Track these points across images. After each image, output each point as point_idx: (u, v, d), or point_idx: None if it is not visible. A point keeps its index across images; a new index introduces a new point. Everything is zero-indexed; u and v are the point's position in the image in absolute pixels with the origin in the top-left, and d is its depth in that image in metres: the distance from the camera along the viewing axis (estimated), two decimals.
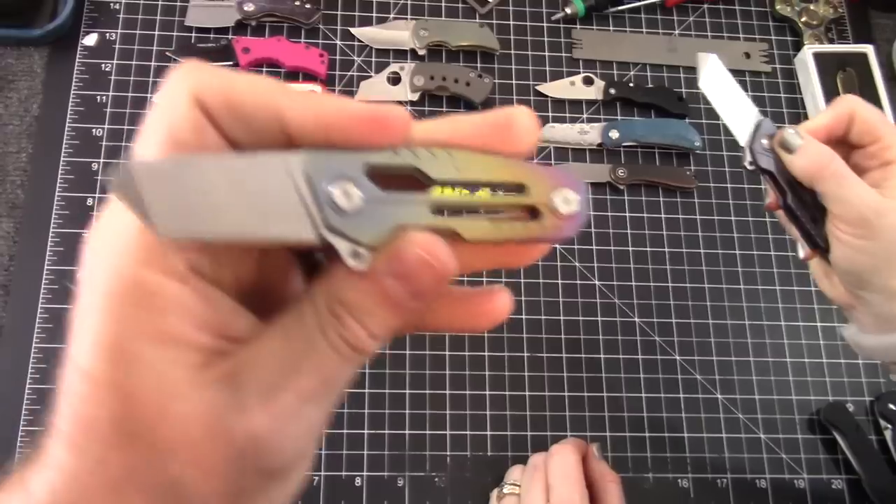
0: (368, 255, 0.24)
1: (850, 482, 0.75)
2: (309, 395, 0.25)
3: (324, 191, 0.23)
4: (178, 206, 0.23)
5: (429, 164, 0.25)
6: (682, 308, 0.79)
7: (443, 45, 0.85)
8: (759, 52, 0.90)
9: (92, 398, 0.23)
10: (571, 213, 0.26)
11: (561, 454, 0.67)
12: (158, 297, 0.23)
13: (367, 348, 0.25)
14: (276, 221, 0.23)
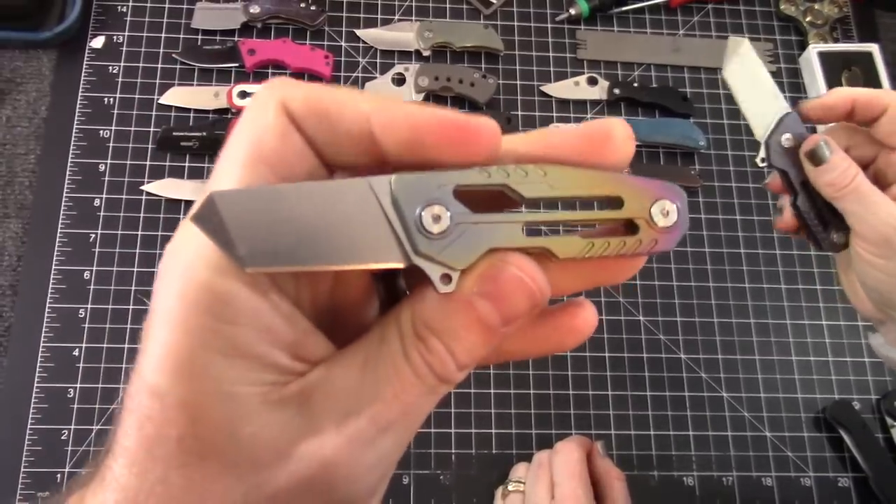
0: (458, 277, 0.23)
1: (857, 480, 0.75)
2: (386, 423, 0.23)
3: (412, 215, 0.23)
4: (263, 237, 0.22)
5: (520, 182, 0.24)
6: (687, 307, 0.79)
7: (447, 46, 0.86)
8: (763, 51, 0.90)
9: (158, 416, 0.22)
10: (670, 226, 0.25)
11: (565, 451, 0.67)
12: (232, 307, 0.22)
13: (452, 377, 0.24)
14: (364, 248, 0.23)
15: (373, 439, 0.23)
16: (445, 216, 0.23)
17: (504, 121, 0.82)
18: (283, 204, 0.22)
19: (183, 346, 0.22)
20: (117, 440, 0.23)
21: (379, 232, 0.22)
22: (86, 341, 0.73)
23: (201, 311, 0.22)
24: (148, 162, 0.79)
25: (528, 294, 0.24)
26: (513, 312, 0.24)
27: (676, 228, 0.25)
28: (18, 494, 0.68)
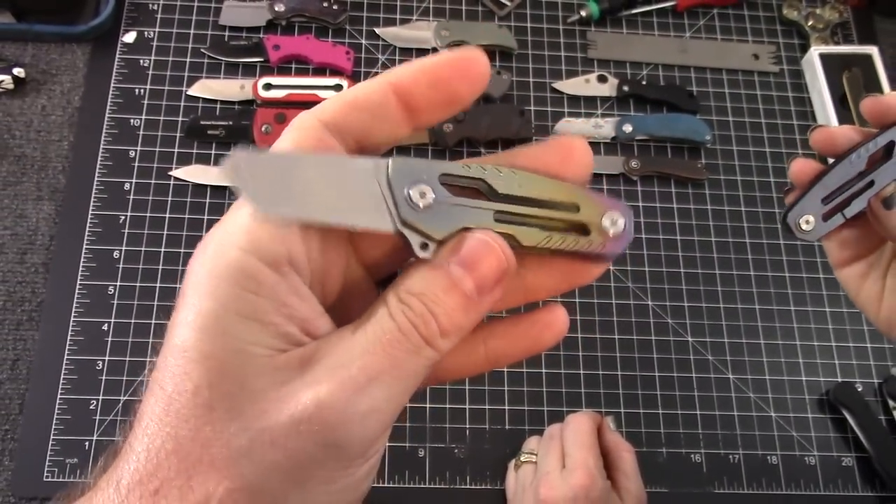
0: (435, 248, 0.28)
1: (860, 460, 0.77)
2: (375, 372, 0.26)
3: (402, 191, 0.27)
4: (278, 191, 0.26)
5: (495, 179, 0.29)
6: (694, 293, 0.82)
7: (463, 44, 0.89)
8: (767, 53, 0.94)
9: (178, 370, 0.25)
10: (617, 234, 0.30)
11: (576, 422, 0.69)
12: (255, 281, 0.25)
13: (436, 341, 0.27)
14: (362, 213, 0.27)
15: (363, 387, 0.25)
16: (429, 195, 0.27)
17: (517, 114, 0.85)
18: (298, 167, 0.26)
19: (209, 308, 0.25)
20: (139, 408, 0.26)
21: (375, 201, 0.27)
22: (114, 317, 0.76)
23: (229, 281, 0.26)
24: (176, 149, 0.82)
25: (495, 259, 0.27)
26: (483, 277, 0.27)
27: (622, 237, 0.30)
28: (48, 461, 0.70)
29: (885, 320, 0.53)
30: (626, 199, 0.84)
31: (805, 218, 0.48)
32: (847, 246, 0.54)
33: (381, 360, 0.26)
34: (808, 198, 0.48)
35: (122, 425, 0.71)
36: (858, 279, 0.54)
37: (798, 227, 0.48)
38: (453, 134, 0.83)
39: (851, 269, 0.55)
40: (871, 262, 0.54)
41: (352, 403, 0.25)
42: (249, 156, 0.26)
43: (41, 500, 0.70)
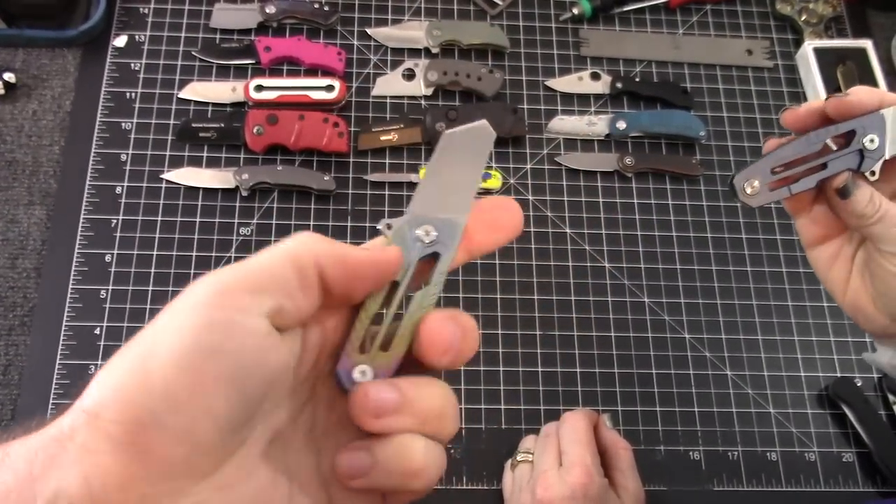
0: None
1: (860, 455, 0.76)
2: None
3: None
4: None
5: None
6: (691, 289, 0.81)
7: (455, 43, 0.89)
8: (761, 48, 0.93)
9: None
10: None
11: (572, 420, 0.69)
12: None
13: None
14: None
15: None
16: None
17: (511, 113, 0.85)
18: None
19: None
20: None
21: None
22: (107, 321, 0.75)
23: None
24: (168, 152, 0.82)
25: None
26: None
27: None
28: None
29: (849, 303, 0.53)
30: (620, 197, 0.84)
31: (751, 182, 0.48)
32: (818, 224, 0.53)
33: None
34: (759, 164, 0.49)
35: None
36: (828, 260, 0.54)
37: (742, 189, 0.48)
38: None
39: (822, 248, 0.54)
40: (842, 243, 0.54)
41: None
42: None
43: None
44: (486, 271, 0.80)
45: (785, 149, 0.48)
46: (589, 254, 0.82)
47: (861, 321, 0.54)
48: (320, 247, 0.30)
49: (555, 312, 0.79)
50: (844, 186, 0.48)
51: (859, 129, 0.48)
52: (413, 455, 0.30)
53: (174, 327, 0.27)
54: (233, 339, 0.26)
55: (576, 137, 0.87)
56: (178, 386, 0.25)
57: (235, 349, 0.26)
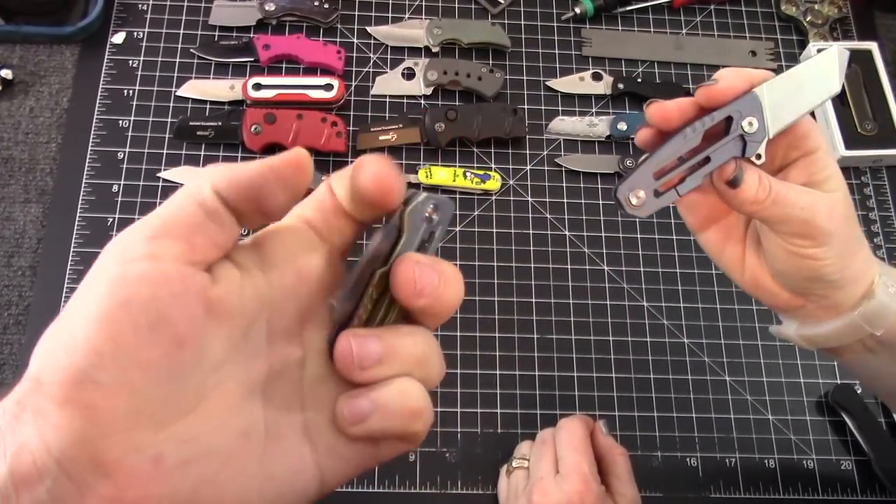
0: None
1: (859, 463, 0.76)
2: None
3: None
4: None
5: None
6: (690, 293, 0.81)
7: (455, 42, 0.88)
8: (765, 50, 0.92)
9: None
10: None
11: (569, 427, 0.68)
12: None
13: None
14: None
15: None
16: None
17: (511, 113, 0.84)
18: None
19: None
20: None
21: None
22: None
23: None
24: (165, 150, 0.81)
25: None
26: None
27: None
28: None
29: (749, 282, 0.53)
30: None
31: (636, 192, 0.46)
32: (696, 211, 0.53)
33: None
34: (638, 172, 0.46)
35: None
36: (719, 243, 0.54)
37: (628, 201, 0.46)
38: (446, 133, 0.82)
39: (710, 233, 0.54)
40: (729, 225, 0.53)
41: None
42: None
43: None
44: (483, 273, 0.79)
45: (662, 150, 0.46)
46: (588, 257, 0.81)
47: (764, 298, 0.54)
48: (216, 175, 0.30)
49: (552, 316, 0.79)
50: (735, 176, 0.46)
51: (735, 115, 0.46)
52: (412, 394, 0.31)
53: (90, 289, 0.27)
54: (144, 287, 0.27)
55: (576, 138, 0.86)
56: (100, 341, 0.26)
57: (149, 296, 0.26)
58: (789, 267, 0.49)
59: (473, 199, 0.82)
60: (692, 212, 0.54)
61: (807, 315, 0.53)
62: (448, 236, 0.80)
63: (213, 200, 0.29)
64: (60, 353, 0.26)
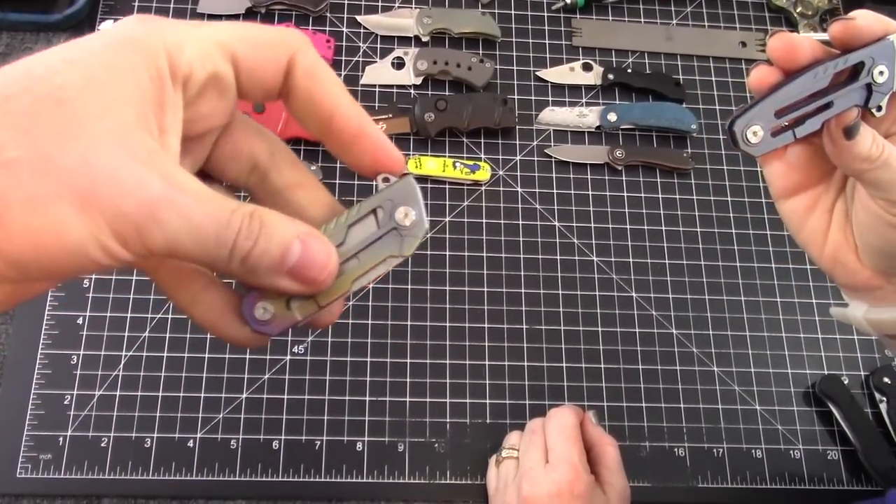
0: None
1: (846, 453, 0.76)
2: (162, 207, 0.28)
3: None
4: None
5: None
6: (679, 284, 0.81)
7: (445, 32, 0.88)
8: (755, 40, 0.92)
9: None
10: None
11: (559, 416, 0.68)
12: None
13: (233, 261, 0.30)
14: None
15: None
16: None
17: (501, 103, 0.84)
18: None
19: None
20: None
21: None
22: (89, 310, 0.74)
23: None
24: None
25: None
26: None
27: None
28: (21, 457, 0.69)
29: (829, 257, 0.50)
30: (610, 190, 0.84)
31: (753, 129, 0.43)
32: (794, 171, 0.49)
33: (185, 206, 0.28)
34: (760, 106, 0.43)
35: (97, 420, 0.70)
36: (804, 212, 0.50)
37: (745, 138, 0.43)
38: (435, 123, 0.82)
39: (796, 200, 0.50)
40: (818, 193, 0.50)
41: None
42: None
43: (15, 496, 0.69)
44: (472, 264, 0.79)
45: (789, 86, 0.43)
46: (577, 247, 0.81)
47: (841, 276, 0.50)
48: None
49: (542, 306, 0.79)
50: (853, 125, 0.43)
51: (868, 61, 0.43)
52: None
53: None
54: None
55: (566, 129, 0.86)
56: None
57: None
58: (883, 241, 0.47)
59: (463, 189, 0.82)
60: (789, 173, 0.49)
61: (881, 298, 0.50)
62: (437, 227, 0.80)
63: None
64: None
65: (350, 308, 0.77)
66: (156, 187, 0.27)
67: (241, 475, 0.70)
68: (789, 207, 0.50)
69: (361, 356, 0.75)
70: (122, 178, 0.27)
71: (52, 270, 0.27)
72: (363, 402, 0.74)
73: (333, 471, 0.71)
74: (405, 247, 0.37)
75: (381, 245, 0.36)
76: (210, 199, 0.29)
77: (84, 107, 0.27)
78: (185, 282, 0.34)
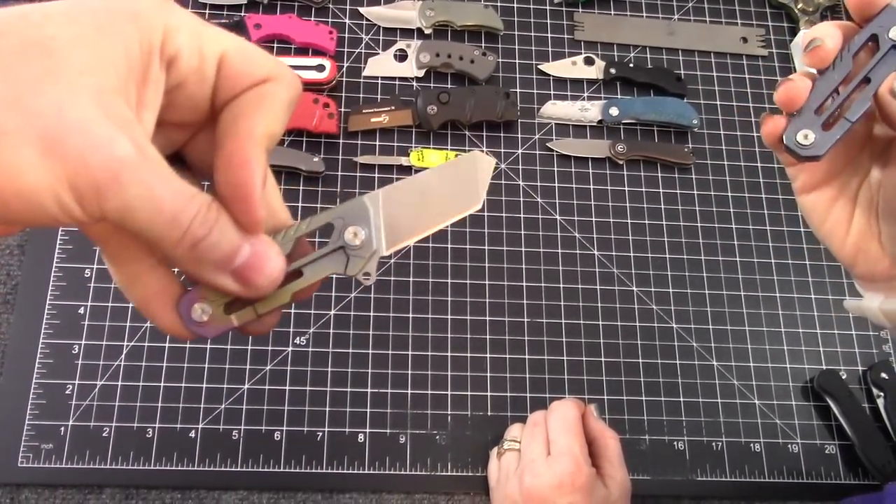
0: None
1: (843, 447, 0.77)
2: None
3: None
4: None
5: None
6: (679, 279, 0.81)
7: (448, 24, 0.88)
8: (756, 36, 0.93)
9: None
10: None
11: (561, 409, 0.69)
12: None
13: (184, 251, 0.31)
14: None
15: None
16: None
17: (503, 97, 0.84)
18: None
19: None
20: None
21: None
22: (91, 300, 0.74)
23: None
24: None
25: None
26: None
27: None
28: (23, 446, 0.69)
29: (852, 246, 0.50)
30: (611, 184, 0.84)
31: (803, 133, 0.44)
32: (821, 163, 0.48)
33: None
34: (802, 114, 0.44)
35: (98, 410, 0.70)
36: (829, 202, 0.50)
37: (798, 144, 0.44)
38: (438, 116, 0.82)
39: (821, 192, 0.50)
40: (842, 183, 0.50)
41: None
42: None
43: (16, 486, 0.69)
44: (475, 257, 0.80)
45: (818, 86, 0.44)
46: (578, 241, 0.81)
47: (862, 264, 0.50)
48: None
49: (543, 300, 0.79)
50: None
51: (879, 31, 0.44)
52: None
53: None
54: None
55: (568, 123, 0.86)
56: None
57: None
58: None
59: None
60: (811, 168, 0.50)
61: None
62: None
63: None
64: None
65: (352, 300, 0.77)
66: (125, 149, 0.27)
67: (242, 466, 0.70)
68: (814, 200, 0.50)
69: (363, 348, 0.75)
70: (93, 131, 0.27)
71: (2, 215, 0.27)
72: (365, 394, 0.74)
73: (335, 462, 0.71)
74: (350, 266, 0.37)
75: (326, 262, 0.37)
76: (173, 178, 0.29)
77: (69, 59, 0.27)
78: (132, 259, 0.34)
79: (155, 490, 0.70)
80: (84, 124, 0.27)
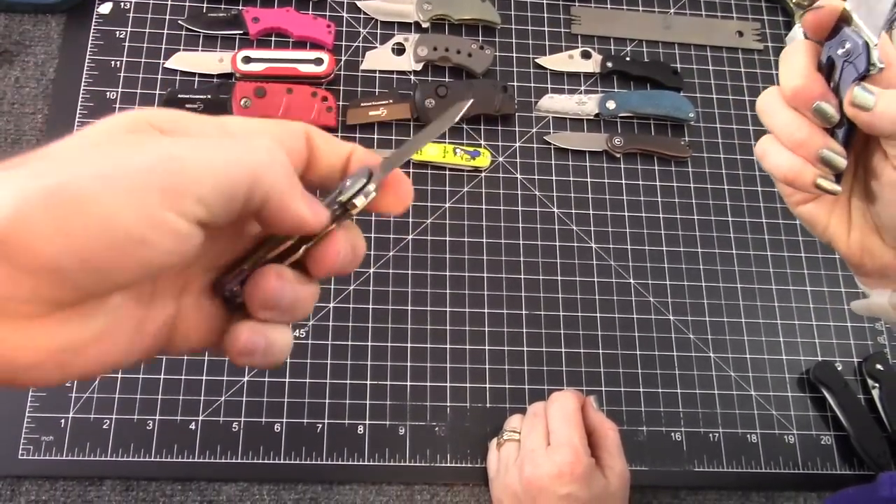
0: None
1: (839, 438, 0.77)
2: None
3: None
4: None
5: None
6: (677, 271, 0.82)
7: (446, 18, 0.88)
8: (751, 30, 0.93)
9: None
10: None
11: (561, 400, 0.69)
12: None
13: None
14: None
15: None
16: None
17: (500, 90, 0.84)
18: None
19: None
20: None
21: None
22: None
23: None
24: None
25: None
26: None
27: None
28: (23, 438, 0.69)
29: (856, 243, 0.50)
30: (609, 177, 0.84)
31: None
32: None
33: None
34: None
35: (98, 403, 0.70)
36: (828, 208, 0.50)
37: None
38: (436, 109, 0.82)
39: (821, 200, 0.51)
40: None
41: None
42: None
43: (16, 478, 0.69)
44: (473, 250, 0.80)
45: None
46: (576, 234, 0.82)
47: (868, 261, 0.50)
48: (278, 179, 0.32)
49: (541, 292, 0.79)
50: (859, 97, 0.42)
51: (832, 51, 0.43)
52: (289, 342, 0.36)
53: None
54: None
55: (565, 116, 0.87)
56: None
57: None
58: None
59: (463, 175, 0.83)
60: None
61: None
62: (437, 213, 0.81)
63: (252, 194, 0.32)
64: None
65: (351, 293, 0.77)
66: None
67: (242, 458, 0.71)
68: (810, 211, 0.51)
69: (362, 340, 0.76)
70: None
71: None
72: (364, 386, 0.74)
73: (335, 454, 0.72)
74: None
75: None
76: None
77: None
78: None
79: (155, 482, 0.70)
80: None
